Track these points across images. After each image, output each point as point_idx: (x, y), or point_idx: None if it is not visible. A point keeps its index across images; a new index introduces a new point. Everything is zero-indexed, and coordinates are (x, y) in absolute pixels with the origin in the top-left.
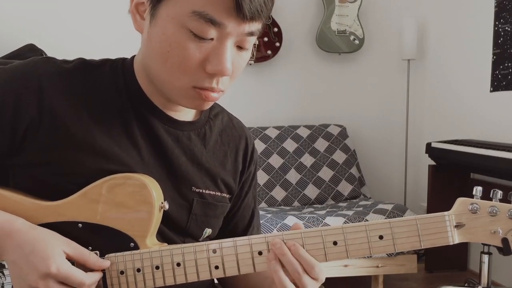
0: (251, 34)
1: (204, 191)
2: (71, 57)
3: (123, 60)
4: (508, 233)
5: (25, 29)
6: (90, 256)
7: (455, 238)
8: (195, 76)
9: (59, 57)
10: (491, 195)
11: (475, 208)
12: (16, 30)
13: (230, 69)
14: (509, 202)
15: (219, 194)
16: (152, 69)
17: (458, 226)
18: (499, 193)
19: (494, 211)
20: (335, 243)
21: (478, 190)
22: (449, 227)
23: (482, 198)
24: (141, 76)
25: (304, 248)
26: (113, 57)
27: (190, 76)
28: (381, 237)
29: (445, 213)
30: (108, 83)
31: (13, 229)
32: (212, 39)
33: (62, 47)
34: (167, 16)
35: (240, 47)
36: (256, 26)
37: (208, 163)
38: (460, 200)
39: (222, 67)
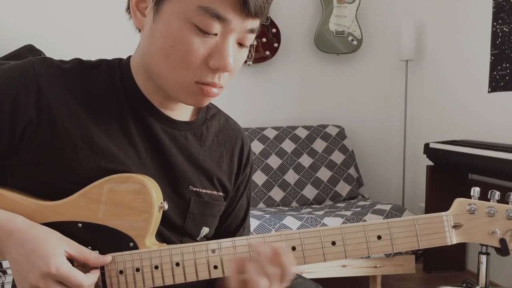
0: (252, 31)
1: (201, 190)
2: (69, 57)
3: (119, 60)
4: (506, 234)
5: (23, 29)
6: (91, 255)
7: (453, 238)
8: (197, 71)
9: (58, 57)
10: (488, 196)
11: (473, 208)
12: (14, 31)
13: (232, 65)
14: (506, 203)
15: (215, 193)
16: (153, 66)
17: (456, 226)
18: (497, 194)
19: (491, 211)
20: (333, 243)
21: (476, 190)
22: (447, 228)
23: (480, 199)
24: (138, 75)
25: (302, 248)
26: (111, 57)
27: (192, 71)
28: (379, 237)
29: (443, 213)
30: (105, 83)
31: (14, 228)
32: (216, 34)
33: (61, 47)
34: (172, 11)
35: (240, 44)
36: (256, 23)
37: (204, 163)
38: (458, 201)
39: (225, 62)
